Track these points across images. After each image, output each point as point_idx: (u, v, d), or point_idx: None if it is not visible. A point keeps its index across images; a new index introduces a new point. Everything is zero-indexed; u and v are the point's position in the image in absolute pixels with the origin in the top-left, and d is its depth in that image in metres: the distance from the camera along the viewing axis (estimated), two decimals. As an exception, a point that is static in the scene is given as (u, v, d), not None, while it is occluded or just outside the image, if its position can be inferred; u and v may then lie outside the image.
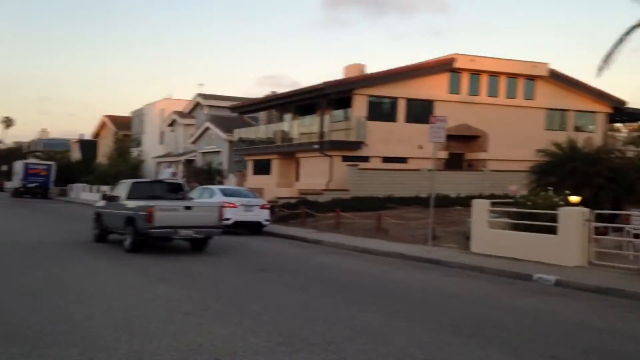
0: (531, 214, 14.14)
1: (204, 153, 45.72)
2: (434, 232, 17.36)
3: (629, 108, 40.70)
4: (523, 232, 14.21)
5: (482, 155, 35.06)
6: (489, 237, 14.93)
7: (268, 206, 21.39)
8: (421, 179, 30.60)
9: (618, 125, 46.10)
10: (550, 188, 14.54)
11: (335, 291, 10.16)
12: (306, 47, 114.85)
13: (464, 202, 28.75)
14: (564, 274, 11.69)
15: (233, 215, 20.06)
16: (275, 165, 35.32)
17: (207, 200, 19.91)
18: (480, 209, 15.33)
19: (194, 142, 47.62)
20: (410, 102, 32.89)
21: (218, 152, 43.75)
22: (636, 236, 13.39)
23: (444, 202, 28.24)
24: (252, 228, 21.10)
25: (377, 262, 14.41)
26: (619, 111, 40.01)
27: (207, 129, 45.23)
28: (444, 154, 33.68)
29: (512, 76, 36.03)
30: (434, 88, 33.52)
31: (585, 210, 13.10)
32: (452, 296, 10.10)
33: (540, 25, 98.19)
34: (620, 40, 18.42)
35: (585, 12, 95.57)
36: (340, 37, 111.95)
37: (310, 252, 16.01)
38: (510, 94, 36.35)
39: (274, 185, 33.76)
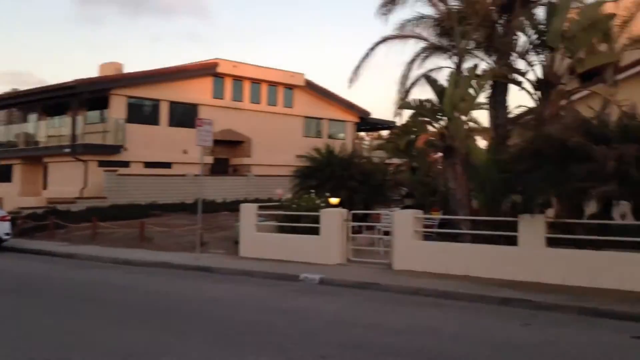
0: (296, 216, 14.60)
1: None
2: (202, 238, 16.99)
3: (372, 118, 45.14)
4: (289, 234, 14.59)
5: (246, 161, 35.67)
6: (257, 240, 15.05)
7: (8, 218, 18.83)
8: (187, 184, 30.01)
9: (362, 133, 50.79)
10: (313, 191, 15.20)
11: (94, 310, 9.20)
12: (56, 44, 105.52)
13: (231, 207, 28.96)
14: (326, 272, 12.23)
15: (-37, 230, 17.29)
16: (17, 171, 31.49)
17: None
18: (248, 212, 15.38)
19: None
20: (174, 105, 32.03)
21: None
22: (385, 233, 14.63)
23: (211, 207, 28.05)
24: (-10, 242, 18.42)
25: (142, 273, 13.53)
26: (364, 121, 44.15)
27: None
28: (209, 159, 33.52)
29: (273, 84, 37.36)
30: (197, 92, 33.12)
31: (344, 211, 13.93)
32: (224, 304, 9.84)
33: (298, 37, 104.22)
34: (367, 55, 20.04)
35: (340, 27, 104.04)
36: (94, 35, 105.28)
37: (60, 268, 14.42)
38: (272, 102, 37.64)
39: (16, 194, 30.08)
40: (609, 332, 7.57)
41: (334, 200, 15.07)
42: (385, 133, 57.28)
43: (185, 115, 32.63)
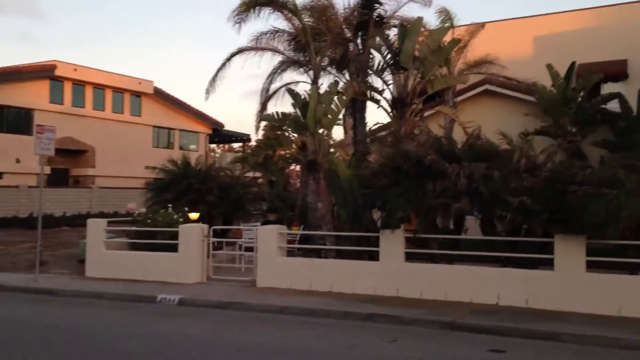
0: (151, 233, 13.81)
1: None
2: (42, 256, 15.45)
3: (225, 130, 44.66)
4: (144, 251, 13.76)
5: (89, 172, 33.37)
6: (107, 259, 13.98)
7: None
8: (21, 196, 27.36)
9: (214, 145, 50.09)
10: (169, 205, 14.50)
11: None
12: None
13: (72, 221, 26.93)
14: (186, 292, 11.66)
15: None
16: None
17: None
18: (96, 228, 14.25)
19: None
20: (5, 109, 29.11)
21: None
22: (247, 249, 14.36)
23: (50, 222, 25.77)
24: None
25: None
26: (217, 133, 43.48)
27: None
28: (46, 170, 30.81)
29: (119, 90, 35.46)
30: (32, 96, 30.43)
31: (204, 226, 13.42)
32: (73, 330, 8.93)
33: (148, 44, 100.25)
34: (223, 65, 19.76)
35: (192, 36, 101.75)
36: None
37: None
38: (117, 109, 35.70)
39: None
40: (468, 346, 7.94)
41: (194, 216, 14.49)
42: (236, 145, 57.18)
43: (18, 121, 29.86)
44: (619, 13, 21.49)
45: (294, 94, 13.88)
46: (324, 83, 20.28)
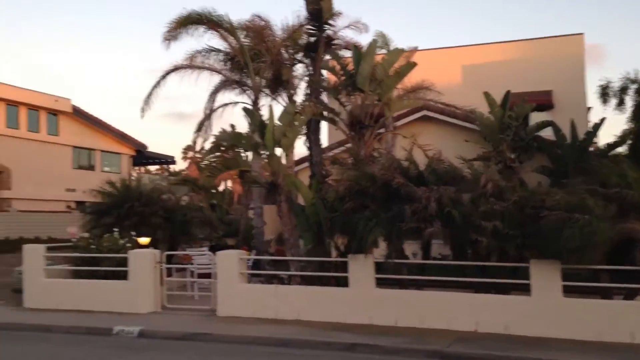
0: (97, 259, 13.01)
1: None
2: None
3: (149, 152, 43.21)
4: (89, 279, 12.92)
5: (5, 194, 31.15)
6: (48, 288, 12.98)
7: None
8: None
9: (139, 167, 48.26)
10: (116, 230, 13.71)
11: None
12: None
13: (-11, 248, 24.90)
14: (144, 323, 10.99)
15: None
16: None
17: None
18: (34, 255, 13.23)
19: None
20: None
21: None
22: (200, 275, 13.83)
23: (-46, 249, 23.77)
24: None
25: None
26: (140, 154, 41.98)
27: None
28: (-44, 192, 28.60)
29: (34, 108, 33.56)
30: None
31: (157, 252, 12.78)
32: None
33: (65, 59, 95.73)
34: (158, 83, 19.25)
35: (112, 53, 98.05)
36: None
37: None
38: (33, 127, 33.73)
39: None
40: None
41: (144, 240, 13.78)
42: (154, 168, 55.44)
43: None
44: (542, 46, 22.79)
45: (250, 113, 13.61)
46: (265, 104, 20.26)
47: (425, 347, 8.92)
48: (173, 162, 48.94)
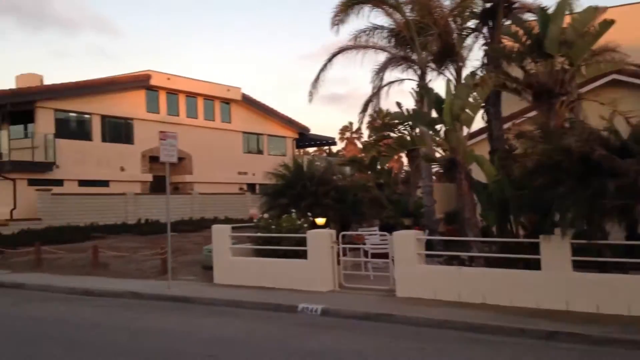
0: (276, 239, 13.42)
1: None
2: (166, 263, 15.43)
3: (311, 134, 44.50)
4: (271, 258, 13.39)
5: (187, 178, 33.85)
6: (234, 266, 13.70)
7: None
8: (128, 203, 27.98)
9: (304, 149, 49.83)
10: (293, 210, 14.05)
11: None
12: None
13: (176, 227, 27.06)
14: (326, 301, 11.07)
15: None
16: None
17: None
18: (221, 235, 14.00)
19: None
20: (106, 119, 29.89)
21: None
22: (374, 256, 13.73)
23: (156, 228, 26.16)
24: None
25: (112, 306, 11.89)
26: (303, 137, 43.35)
27: None
28: (149, 177, 31.53)
29: (209, 98, 35.88)
30: (131, 106, 31.14)
31: (332, 232, 12.87)
32: (235, 345, 8.49)
33: (226, 52, 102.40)
34: (325, 67, 19.38)
35: (270, 41, 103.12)
36: None
37: (12, 302, 12.47)
38: (209, 116, 36.12)
39: None
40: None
41: (320, 221, 13.99)
42: (311, 150, 56.89)
43: (119, 130, 30.63)
44: None
45: (425, 89, 13.14)
46: (431, 79, 19.59)
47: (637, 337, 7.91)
48: (334, 143, 49.95)
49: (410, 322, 9.64)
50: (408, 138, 16.88)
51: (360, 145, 66.19)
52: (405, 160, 32.04)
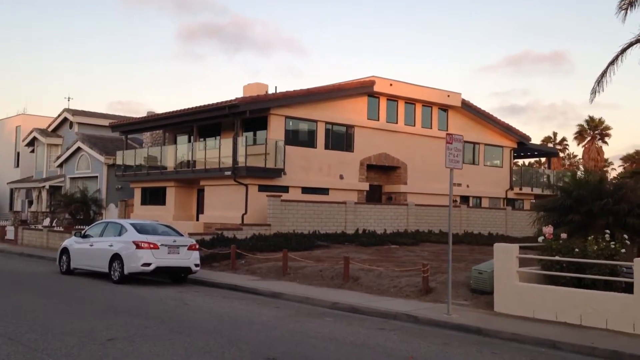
0: (582, 265, 11.01)
1: (74, 178, 38.83)
2: (428, 282, 13.77)
3: (532, 144, 40.79)
4: (572, 288, 11.03)
5: (402, 188, 32.45)
6: (522, 293, 11.57)
7: (197, 247, 16.51)
8: (347, 212, 27.23)
9: (522, 160, 46.09)
10: (607, 232, 11.52)
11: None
12: (160, 77, 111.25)
13: (394, 239, 25.83)
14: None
15: (154, 258, 15.12)
16: (171, 194, 30.03)
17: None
18: (506, 255, 11.93)
19: (60, 165, 40.49)
20: (329, 126, 29.52)
21: (94, 177, 37.18)
22: None
23: (374, 239, 25.06)
24: (177, 275, 16.17)
25: (391, 329, 10.40)
26: (521, 146, 39.82)
27: (78, 149, 38.48)
28: (365, 186, 30.72)
29: (427, 105, 34.15)
30: (353, 112, 30.48)
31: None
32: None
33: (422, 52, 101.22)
34: (614, 61, 16.34)
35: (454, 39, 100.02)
36: (197, 69, 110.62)
37: (286, 315, 11.55)
38: (426, 124, 34.40)
39: (170, 218, 28.51)
40: None
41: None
42: (531, 161, 52.21)
43: (340, 137, 30.12)
44: None
45: None
46: None
47: None
48: (556, 154, 45.52)
49: None
50: None
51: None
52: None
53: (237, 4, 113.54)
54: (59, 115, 42.55)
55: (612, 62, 16.25)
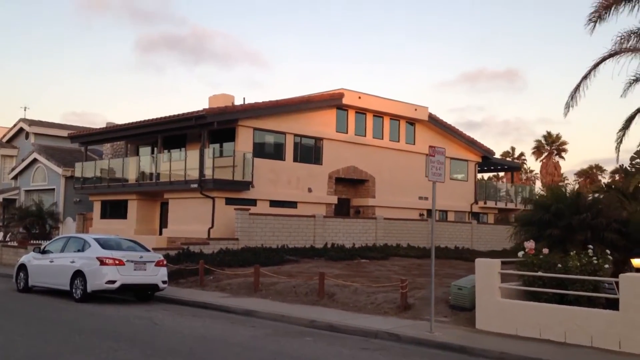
0: (564, 280, 10.86)
1: (29, 191, 37.33)
2: (406, 298, 13.45)
3: (495, 158, 41.22)
4: (553, 304, 10.86)
5: (370, 202, 32.23)
6: (503, 309, 11.35)
7: (164, 262, 15.80)
8: (316, 226, 26.81)
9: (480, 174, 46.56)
10: (591, 247, 11.38)
11: None
12: (119, 88, 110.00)
13: (363, 253, 25.54)
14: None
15: (119, 275, 14.39)
16: (133, 207, 29.07)
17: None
18: (487, 271, 11.71)
19: (15, 178, 38.90)
20: (298, 138, 29.12)
21: (50, 189, 35.78)
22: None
23: (343, 254, 24.62)
24: (143, 293, 15.44)
25: (376, 349, 10.01)
26: (486, 160, 40.19)
27: (34, 161, 36.99)
28: (333, 199, 30.38)
29: (395, 118, 34.12)
30: (321, 125, 30.18)
31: (650, 277, 10.07)
32: None
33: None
34: (588, 75, 16.47)
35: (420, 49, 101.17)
36: (157, 81, 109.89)
37: (263, 334, 11.03)
38: (394, 137, 34.34)
39: (131, 232, 27.51)
40: None
41: (638, 262, 11.25)
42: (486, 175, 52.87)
43: (309, 150, 29.76)
44: None
45: None
46: None
47: None
48: (518, 169, 46.16)
49: None
50: None
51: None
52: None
53: (197, 15, 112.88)
54: (15, 125, 40.96)
55: (585, 77, 16.38)
